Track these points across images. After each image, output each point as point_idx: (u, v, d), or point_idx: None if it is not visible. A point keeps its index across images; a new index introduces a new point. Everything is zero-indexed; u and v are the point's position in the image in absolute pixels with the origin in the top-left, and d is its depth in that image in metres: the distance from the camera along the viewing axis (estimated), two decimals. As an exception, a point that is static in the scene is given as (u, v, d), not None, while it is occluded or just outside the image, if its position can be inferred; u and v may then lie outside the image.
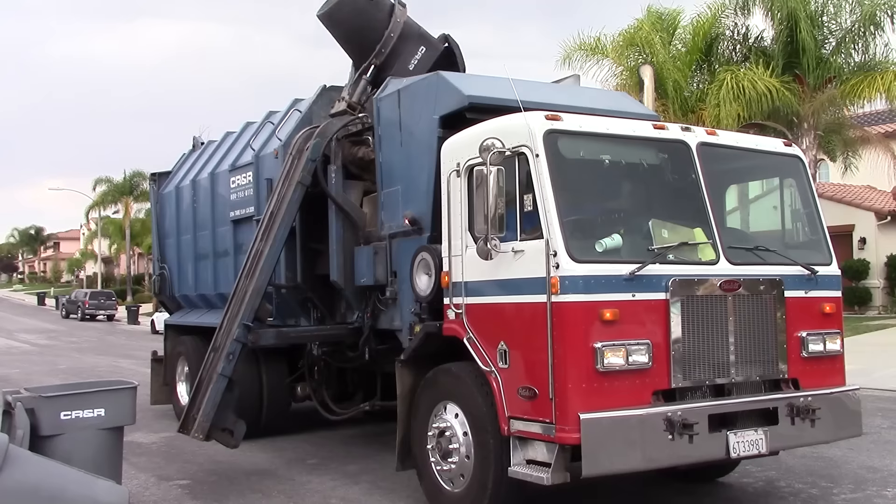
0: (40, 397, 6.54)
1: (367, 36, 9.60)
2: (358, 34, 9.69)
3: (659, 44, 24.14)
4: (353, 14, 9.57)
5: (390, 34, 9.52)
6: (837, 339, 7.12)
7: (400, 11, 9.64)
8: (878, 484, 8.06)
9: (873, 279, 30.23)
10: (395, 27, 9.55)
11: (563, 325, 5.91)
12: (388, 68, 9.49)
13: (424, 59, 9.62)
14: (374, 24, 9.56)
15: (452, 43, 10.01)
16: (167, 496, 8.20)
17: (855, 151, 27.34)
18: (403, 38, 9.62)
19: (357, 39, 9.75)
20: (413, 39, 9.71)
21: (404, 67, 9.44)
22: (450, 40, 9.98)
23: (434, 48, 9.86)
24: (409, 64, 9.51)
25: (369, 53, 9.60)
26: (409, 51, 9.62)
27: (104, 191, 65.13)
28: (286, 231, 9.09)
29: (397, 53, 9.58)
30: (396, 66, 9.44)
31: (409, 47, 9.64)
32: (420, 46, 9.69)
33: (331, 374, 10.77)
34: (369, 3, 9.49)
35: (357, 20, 9.58)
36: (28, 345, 32.14)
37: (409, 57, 9.57)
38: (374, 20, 9.56)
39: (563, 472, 5.97)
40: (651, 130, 6.79)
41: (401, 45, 9.60)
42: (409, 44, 9.64)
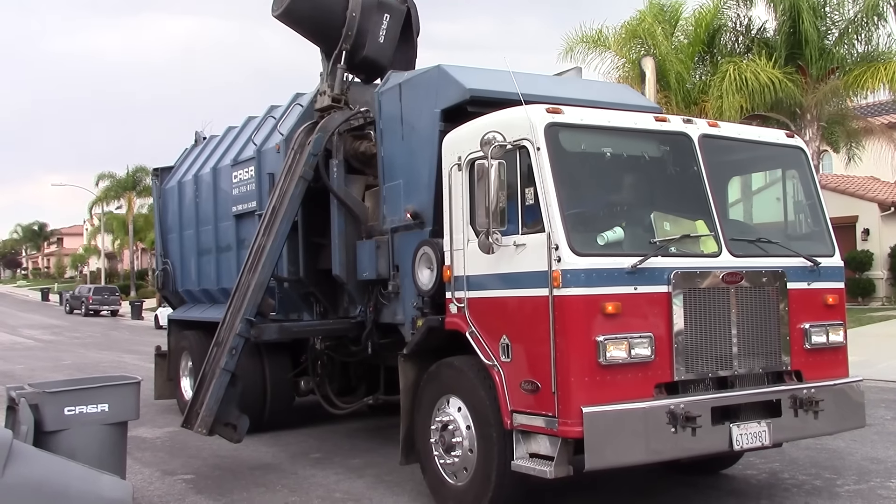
0: (44, 393, 6.56)
1: (329, 23, 9.38)
2: (321, 24, 9.47)
3: (661, 35, 24.08)
4: (311, 5, 9.35)
5: (352, 14, 9.28)
6: (840, 331, 7.11)
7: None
8: (882, 475, 8.06)
9: (877, 270, 30.18)
10: (354, 5, 9.30)
11: (565, 319, 5.91)
12: (359, 48, 9.35)
13: (392, 27, 9.42)
14: (333, 9, 9.33)
15: (410, 2, 9.73)
16: (171, 491, 8.22)
17: (858, 142, 27.27)
18: (366, 14, 9.38)
19: (321, 29, 9.51)
20: (374, 10, 9.44)
21: (375, 42, 9.28)
22: None
23: (397, 12, 9.60)
24: (378, 37, 9.31)
25: (337, 39, 9.38)
26: (374, 23, 9.37)
27: (107, 186, 65.21)
28: (288, 226, 9.09)
29: (364, 31, 9.37)
30: (368, 43, 9.26)
31: (373, 19, 9.39)
32: (384, 14, 9.44)
33: (334, 369, 10.79)
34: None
35: (316, 10, 9.35)
36: (32, 340, 32.21)
37: (376, 30, 9.35)
38: (333, 4, 9.32)
39: (565, 466, 5.97)
40: (653, 123, 6.77)
41: (364, 21, 9.37)
42: (372, 17, 9.39)
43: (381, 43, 9.28)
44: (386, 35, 9.37)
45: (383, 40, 9.30)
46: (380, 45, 9.26)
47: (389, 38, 9.32)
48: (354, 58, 9.41)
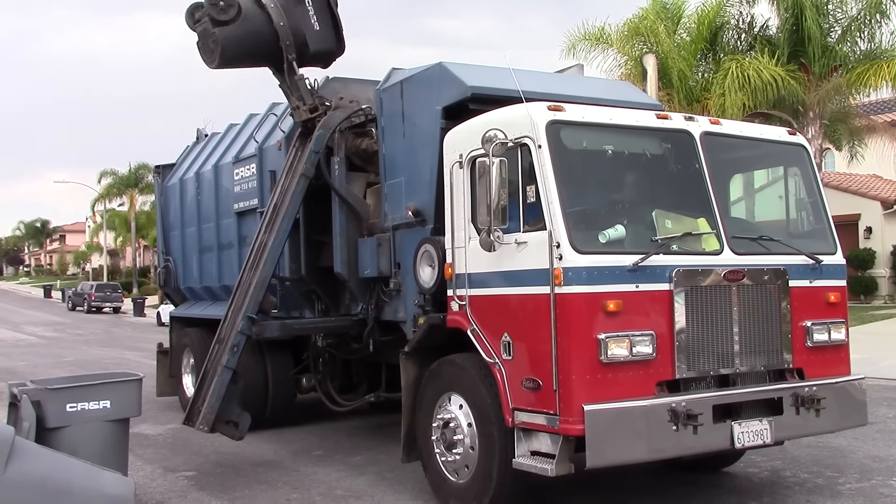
0: (46, 389, 6.57)
1: (265, 46, 9.13)
2: (257, 52, 9.22)
3: (664, 33, 24.06)
4: (239, 42, 9.05)
5: (280, 24, 9.04)
6: (842, 329, 7.10)
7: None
8: (884, 473, 8.05)
9: (879, 268, 30.15)
10: (278, 16, 9.04)
11: (566, 317, 5.90)
12: (304, 48, 9.15)
13: (319, 10, 9.14)
14: (261, 31, 9.07)
15: None
16: (173, 487, 8.23)
17: (861, 140, 27.24)
18: (291, 15, 9.10)
19: (261, 55, 9.28)
20: (295, 6, 9.13)
21: (314, 33, 9.08)
22: None
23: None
24: (314, 28, 9.08)
25: (280, 54, 9.17)
26: (303, 17, 9.11)
27: (109, 183, 65.21)
28: (290, 223, 9.09)
29: (299, 30, 9.14)
30: (308, 39, 9.04)
31: (300, 15, 9.12)
32: (305, 4, 9.12)
33: (335, 366, 10.79)
34: (242, 22, 8.93)
35: (247, 44, 9.10)
36: (34, 337, 32.25)
37: (308, 22, 9.11)
38: (259, 27, 9.03)
39: (567, 464, 5.97)
40: (654, 120, 6.77)
41: (295, 22, 9.11)
42: (297, 13, 9.12)
43: (319, 30, 9.08)
44: (319, 20, 9.14)
45: (319, 27, 9.09)
46: (318, 32, 9.06)
47: (324, 21, 9.10)
48: (304, 59, 9.27)
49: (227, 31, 8.78)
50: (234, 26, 8.78)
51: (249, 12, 8.90)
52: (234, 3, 8.73)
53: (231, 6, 8.71)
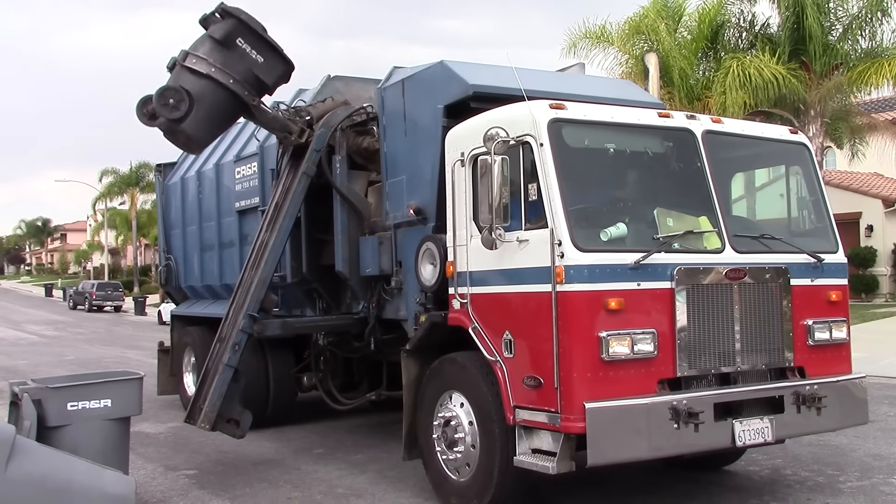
0: (47, 388, 6.57)
1: (229, 106, 8.71)
2: (226, 116, 8.89)
3: (665, 31, 24.04)
4: (207, 122, 8.58)
5: (230, 82, 8.49)
6: (844, 327, 7.10)
7: (205, 65, 8.44)
8: (885, 472, 8.05)
9: (880, 267, 30.14)
10: (224, 76, 8.44)
11: (567, 315, 5.90)
12: (262, 86, 8.85)
13: (255, 44, 8.63)
14: (219, 99, 8.55)
15: (234, 12, 8.67)
16: (174, 486, 8.24)
17: (862, 138, 27.24)
18: (233, 65, 8.56)
19: (229, 115, 8.93)
20: (231, 52, 8.57)
21: (261, 67, 8.67)
22: (227, 10, 8.67)
23: (238, 28, 8.60)
24: (258, 62, 8.64)
25: (246, 104, 8.80)
26: (243, 59, 8.59)
27: (110, 182, 65.24)
28: (291, 221, 9.10)
29: (248, 74, 8.62)
30: (260, 75, 8.67)
31: (239, 59, 8.56)
32: (237, 45, 8.57)
33: (337, 364, 10.79)
34: (198, 105, 8.42)
35: (213, 118, 8.66)
36: (36, 336, 32.28)
37: (251, 60, 8.59)
38: (214, 98, 8.54)
39: (568, 462, 5.96)
40: (656, 119, 6.76)
41: (240, 68, 8.59)
42: (237, 59, 8.56)
43: (265, 61, 8.69)
44: (258, 52, 8.69)
45: (263, 58, 8.70)
46: (265, 63, 8.69)
47: (263, 50, 8.69)
48: (265, 92, 9.02)
49: (189, 122, 8.41)
50: (193, 114, 8.39)
51: (199, 92, 8.37)
52: (182, 97, 8.29)
53: (181, 101, 8.28)
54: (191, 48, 8.51)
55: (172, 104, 8.27)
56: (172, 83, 8.42)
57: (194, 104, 8.30)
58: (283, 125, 9.31)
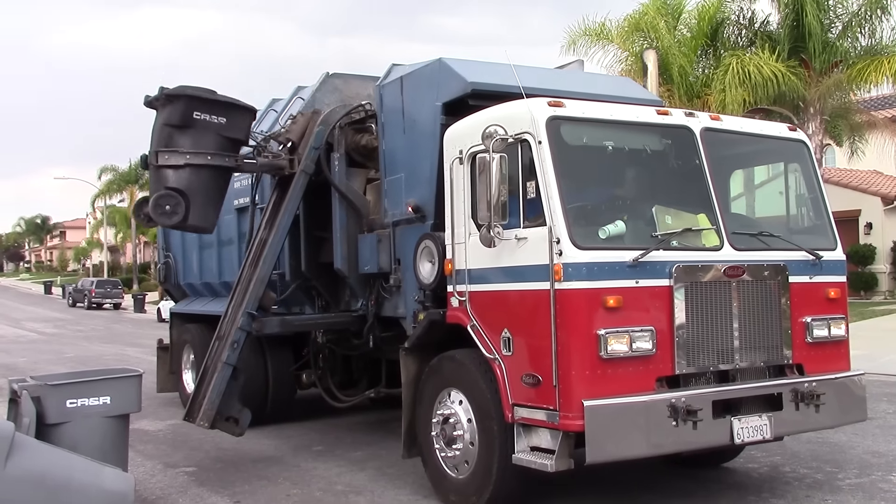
0: (46, 385, 6.56)
1: (221, 181, 8.74)
2: (221, 191, 8.82)
3: (664, 29, 24.04)
4: (205, 209, 8.46)
5: (212, 163, 8.41)
6: (842, 325, 7.11)
7: (178, 156, 8.25)
8: (884, 469, 8.06)
9: (879, 264, 30.16)
10: (202, 158, 8.34)
11: (566, 312, 5.91)
12: (237, 142, 8.78)
13: (211, 110, 8.43)
14: (205, 178, 8.44)
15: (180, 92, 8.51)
16: (173, 483, 8.24)
17: (861, 136, 27.24)
18: (205, 141, 8.44)
19: (223, 186, 8.85)
20: (203, 130, 8.44)
21: (228, 127, 8.53)
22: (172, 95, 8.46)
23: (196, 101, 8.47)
24: (224, 125, 8.49)
25: (230, 169, 8.79)
26: (207, 131, 8.44)
27: (110, 180, 65.26)
28: (290, 219, 9.10)
29: (223, 142, 8.55)
30: (232, 134, 8.59)
31: (205, 131, 8.42)
32: (201, 120, 8.43)
33: (336, 362, 10.80)
34: (193, 202, 8.35)
35: (211, 200, 8.59)
36: (35, 333, 32.27)
37: (215, 126, 8.44)
38: (202, 183, 8.43)
39: (566, 459, 5.97)
40: (655, 116, 6.76)
41: (215, 142, 8.48)
42: (208, 133, 8.43)
43: (228, 121, 8.53)
44: (219, 116, 8.48)
45: (225, 118, 8.53)
46: (230, 122, 8.55)
47: (222, 110, 8.50)
48: (242, 144, 8.92)
49: (192, 217, 8.34)
50: (192, 208, 8.30)
51: (186, 185, 8.30)
52: (176, 199, 8.19)
53: (177, 203, 8.19)
54: (156, 145, 8.39)
55: (170, 210, 8.23)
56: (158, 187, 8.33)
57: (189, 199, 8.25)
58: (272, 166, 9.21)
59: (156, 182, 8.44)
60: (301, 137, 9.19)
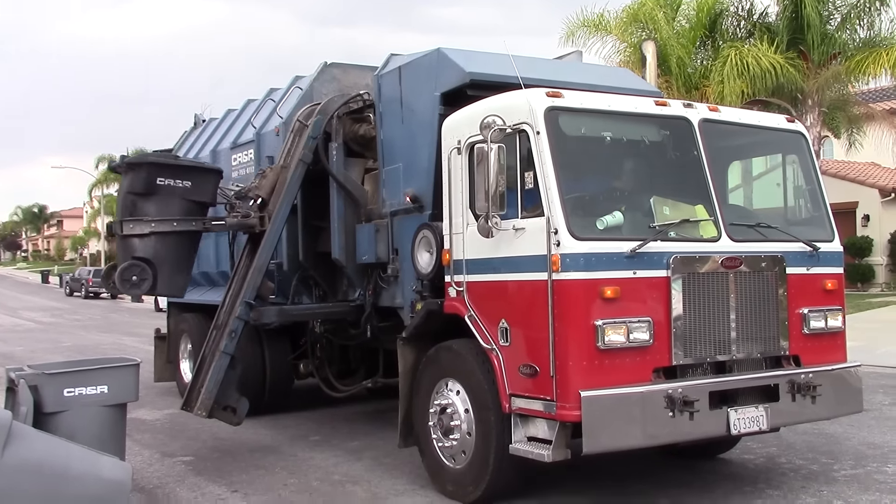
0: (44, 374, 6.57)
1: (190, 243, 8.80)
2: (193, 248, 8.88)
3: (662, 20, 23.95)
4: (174, 274, 8.49)
5: (179, 229, 8.45)
6: (839, 316, 7.12)
7: (143, 225, 8.28)
8: (879, 460, 8.09)
9: (876, 256, 30.22)
10: (168, 226, 8.39)
11: (563, 303, 5.91)
12: (204, 205, 8.83)
13: (174, 174, 8.43)
14: (171, 242, 8.46)
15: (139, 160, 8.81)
16: (171, 472, 8.25)
17: (859, 128, 27.20)
18: (171, 209, 8.46)
19: (190, 250, 8.85)
20: (160, 191, 8.38)
21: (193, 191, 8.55)
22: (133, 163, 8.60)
23: (158, 167, 8.54)
24: (189, 188, 8.50)
25: (198, 232, 8.86)
26: (172, 197, 8.46)
27: (107, 169, 64.98)
28: (287, 209, 9.08)
29: (191, 206, 8.60)
30: (198, 198, 8.63)
31: (170, 198, 8.43)
32: (166, 186, 8.42)
33: (333, 352, 10.80)
34: (160, 269, 8.35)
35: (182, 262, 8.70)
36: (32, 322, 32.25)
37: (179, 191, 8.42)
38: (169, 249, 8.46)
39: (563, 450, 5.99)
40: (653, 107, 6.75)
41: (182, 207, 8.52)
42: (174, 199, 8.40)
43: (193, 184, 8.53)
44: (183, 179, 8.52)
45: (190, 182, 8.54)
46: (194, 185, 8.55)
47: (186, 174, 8.55)
48: (209, 206, 8.98)
49: (161, 284, 8.35)
50: (160, 276, 8.29)
51: (153, 253, 8.31)
52: (142, 269, 8.16)
53: (143, 273, 8.16)
54: (121, 214, 8.38)
55: (137, 280, 8.22)
56: (125, 257, 8.30)
57: (156, 267, 8.24)
58: (242, 225, 9.05)
59: (122, 251, 8.42)
60: (271, 193, 8.94)
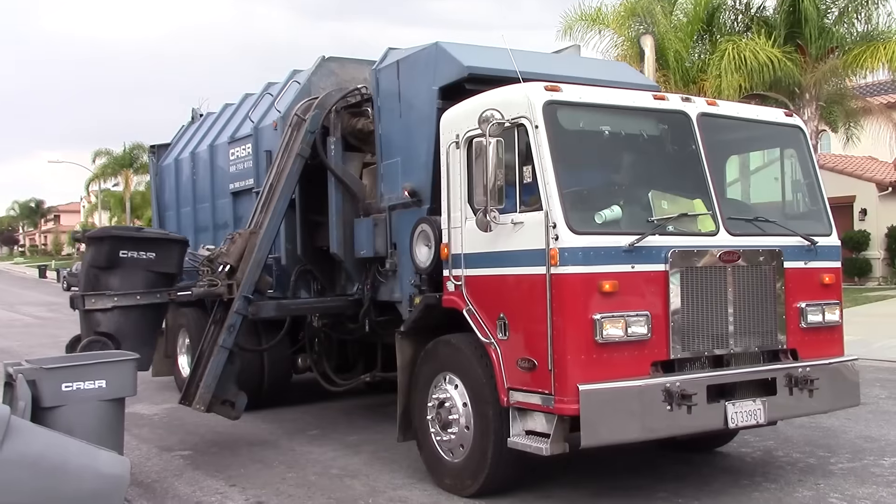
0: (42, 369, 6.56)
1: (151, 315, 8.77)
2: (150, 328, 8.82)
3: (660, 14, 23.92)
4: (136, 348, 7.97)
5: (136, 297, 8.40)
6: (836, 310, 7.13)
7: (105, 299, 8.32)
8: (875, 453, 8.11)
9: (873, 250, 30.25)
10: (126, 299, 8.37)
11: (562, 297, 5.92)
12: (171, 276, 8.87)
13: (140, 246, 8.52)
14: (137, 319, 8.49)
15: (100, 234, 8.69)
16: (169, 466, 8.26)
17: (856, 122, 27.22)
18: (135, 279, 8.48)
19: (155, 322, 8.94)
20: (122, 263, 8.41)
21: (157, 261, 8.62)
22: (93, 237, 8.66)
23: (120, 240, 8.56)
24: (153, 259, 8.54)
25: (164, 303, 8.90)
26: (134, 264, 8.44)
27: (104, 163, 64.90)
28: (286, 203, 9.08)
29: (148, 273, 8.57)
30: (166, 270, 8.68)
31: (129, 268, 8.43)
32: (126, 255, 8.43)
33: (331, 346, 10.79)
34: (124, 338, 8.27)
35: (142, 337, 8.54)
36: (30, 317, 32.23)
37: (144, 263, 8.48)
38: (132, 319, 8.45)
39: (561, 443, 6.00)
40: (651, 101, 6.75)
41: (148, 280, 8.53)
42: (126, 269, 8.42)
43: (157, 255, 8.58)
44: (146, 251, 8.54)
45: (154, 253, 8.58)
46: (158, 256, 8.59)
47: (149, 245, 8.55)
48: (176, 277, 9.00)
49: None
50: (122, 346, 8.12)
51: (116, 328, 8.26)
52: (105, 344, 8.06)
53: (105, 347, 8.00)
54: (83, 288, 8.34)
55: None
56: (88, 332, 8.27)
57: (119, 342, 8.18)
58: (209, 294, 8.88)
59: (86, 326, 8.40)
60: (239, 259, 8.74)
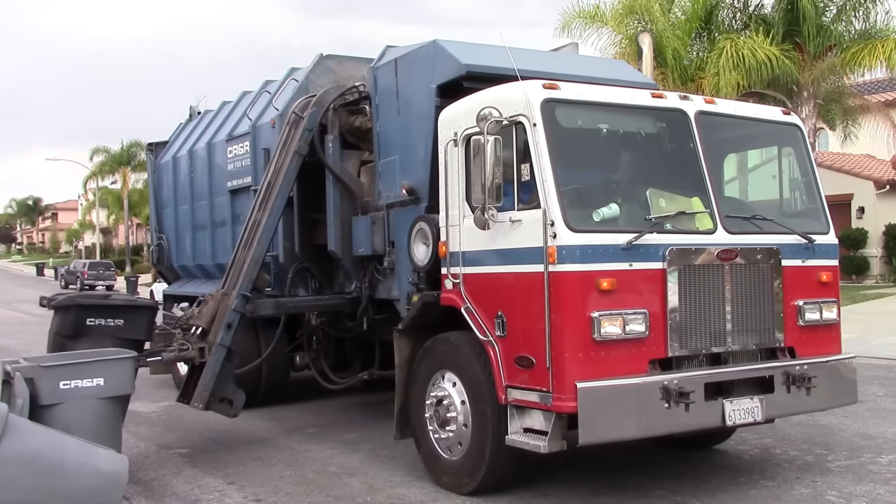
0: (40, 367, 6.57)
1: None
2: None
3: (658, 11, 23.94)
4: None
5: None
6: (834, 308, 7.14)
7: None
8: (873, 451, 8.12)
9: (871, 248, 30.28)
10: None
11: (560, 295, 5.92)
12: (134, 340, 8.49)
13: (105, 314, 8.41)
14: None
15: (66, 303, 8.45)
16: (167, 464, 8.26)
17: (854, 120, 27.24)
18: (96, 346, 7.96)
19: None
20: (90, 333, 8.33)
21: (125, 328, 8.47)
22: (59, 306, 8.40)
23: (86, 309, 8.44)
24: (119, 325, 8.43)
25: None
26: (100, 332, 8.39)
27: (102, 161, 64.92)
28: (284, 201, 9.08)
29: (117, 341, 8.23)
30: (126, 336, 8.40)
31: (95, 336, 8.28)
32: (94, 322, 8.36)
33: (329, 344, 10.80)
34: None
35: None
36: (27, 315, 32.16)
37: (108, 329, 8.40)
38: None
39: (559, 441, 6.01)
40: (649, 99, 6.75)
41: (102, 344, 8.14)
42: (93, 339, 8.24)
43: (125, 322, 8.49)
44: (115, 318, 8.45)
45: (122, 320, 8.49)
46: (127, 323, 8.52)
47: (117, 312, 8.45)
48: (145, 342, 8.76)
49: None
50: None
51: None
52: None
53: None
54: None
55: None
56: None
57: None
58: (179, 358, 8.78)
59: None
60: (211, 322, 8.63)
